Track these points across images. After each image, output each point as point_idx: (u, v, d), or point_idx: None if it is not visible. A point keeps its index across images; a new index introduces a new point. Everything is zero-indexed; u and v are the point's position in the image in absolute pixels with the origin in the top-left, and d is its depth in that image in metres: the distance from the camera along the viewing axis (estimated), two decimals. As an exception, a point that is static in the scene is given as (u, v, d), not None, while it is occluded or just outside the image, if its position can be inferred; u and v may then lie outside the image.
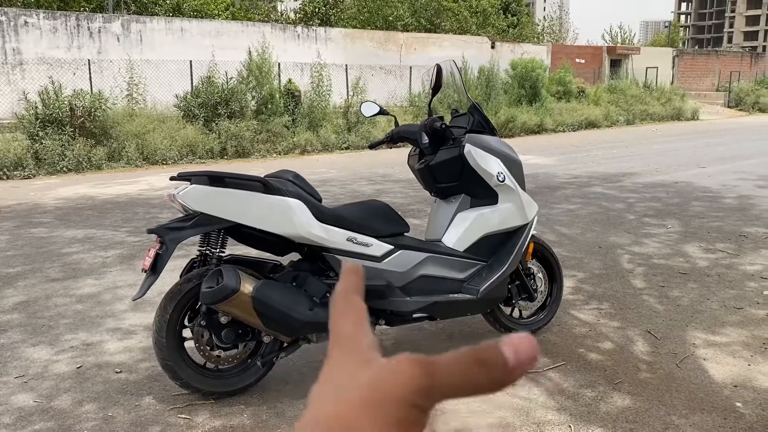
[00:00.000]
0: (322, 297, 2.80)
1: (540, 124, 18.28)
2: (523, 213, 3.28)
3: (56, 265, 4.98)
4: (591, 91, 22.20)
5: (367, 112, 3.45)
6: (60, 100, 11.55)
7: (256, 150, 13.26)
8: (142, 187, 8.93)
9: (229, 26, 19.80)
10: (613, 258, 5.07)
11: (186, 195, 2.62)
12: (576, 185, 8.68)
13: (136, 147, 11.86)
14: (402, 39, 23.56)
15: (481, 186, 3.21)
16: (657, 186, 8.56)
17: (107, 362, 3.21)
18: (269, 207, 2.68)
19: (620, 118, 21.21)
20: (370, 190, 8.39)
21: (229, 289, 2.54)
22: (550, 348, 3.37)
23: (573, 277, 4.55)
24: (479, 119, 3.32)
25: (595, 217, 6.60)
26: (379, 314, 2.98)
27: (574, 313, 3.87)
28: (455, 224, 3.23)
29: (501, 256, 3.23)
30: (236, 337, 2.74)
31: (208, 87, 13.61)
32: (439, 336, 3.54)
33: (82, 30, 17.33)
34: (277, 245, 2.85)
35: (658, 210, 6.95)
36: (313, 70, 15.49)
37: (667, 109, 23.54)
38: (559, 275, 3.61)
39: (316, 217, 2.78)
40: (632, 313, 3.87)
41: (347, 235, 2.86)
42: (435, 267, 3.10)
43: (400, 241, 3.05)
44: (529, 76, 19.78)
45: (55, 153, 10.89)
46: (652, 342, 3.45)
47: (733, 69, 34.17)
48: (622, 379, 3.02)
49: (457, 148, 3.16)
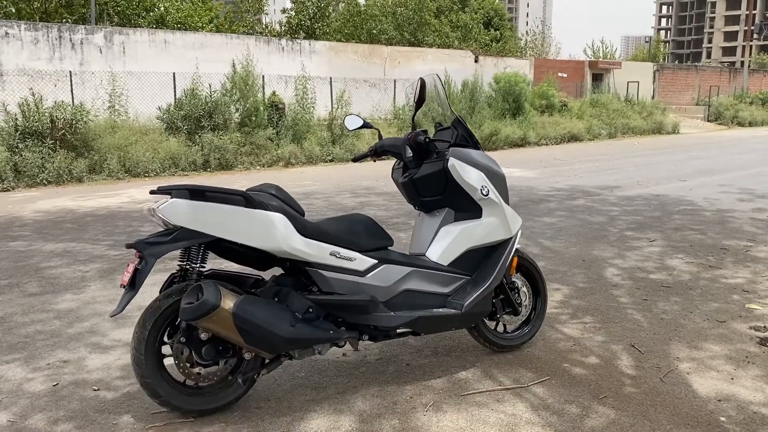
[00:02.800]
0: (305, 313, 2.77)
1: (523, 138, 18.40)
2: (507, 227, 3.27)
3: (34, 279, 4.89)
4: (574, 105, 22.39)
5: (351, 125, 3.43)
6: (40, 112, 11.43)
7: (240, 162, 13.19)
8: (123, 200, 8.84)
9: (213, 38, 19.77)
10: (596, 271, 5.08)
11: (166, 209, 2.57)
12: (559, 198, 8.71)
13: (118, 159, 11.75)
14: (386, 52, 23.66)
15: (464, 200, 3.19)
16: (638, 199, 8.62)
17: (84, 380, 3.14)
18: (251, 221, 2.64)
19: (602, 131, 21.41)
20: (353, 203, 8.36)
21: (209, 305, 2.49)
22: (534, 363, 3.35)
23: (557, 291, 4.55)
24: (463, 133, 3.31)
25: (578, 230, 6.63)
26: (362, 329, 2.94)
27: (559, 327, 3.86)
28: (439, 238, 3.21)
29: (485, 270, 3.21)
30: (217, 353, 2.69)
31: (192, 99, 13.55)
32: (424, 351, 3.51)
33: (64, 41, 17.21)
34: (259, 260, 2.81)
35: (640, 223, 6.99)
36: (297, 82, 15.49)
37: (649, 122, 23.83)
38: (543, 289, 3.59)
39: (299, 231, 2.75)
40: (616, 327, 3.87)
41: (330, 250, 2.83)
42: (419, 281, 3.08)
43: (384, 256, 3.02)
44: (513, 90, 19.92)
45: (35, 165, 10.76)
46: (636, 356, 3.44)
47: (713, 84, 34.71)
48: (607, 393, 3.01)
49: (441, 162, 3.15)
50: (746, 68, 37.64)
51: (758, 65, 52.58)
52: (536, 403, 2.90)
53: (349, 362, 3.35)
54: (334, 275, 2.84)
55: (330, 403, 2.89)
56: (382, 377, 3.18)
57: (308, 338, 2.72)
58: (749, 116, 29.45)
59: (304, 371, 3.23)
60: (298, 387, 3.06)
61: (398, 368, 3.29)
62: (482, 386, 3.08)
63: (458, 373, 3.23)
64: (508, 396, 2.98)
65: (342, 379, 3.15)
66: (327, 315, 2.85)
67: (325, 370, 3.24)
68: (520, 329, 3.53)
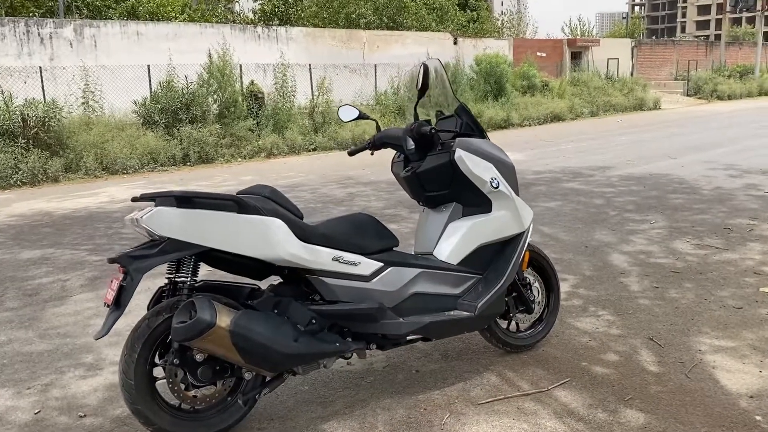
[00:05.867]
0: (307, 325, 2.54)
1: (506, 119, 18.22)
2: (519, 220, 3.06)
3: (11, 291, 4.60)
4: (555, 84, 22.22)
5: (346, 116, 3.19)
6: (11, 111, 11.01)
7: (220, 155, 12.86)
8: (102, 200, 8.50)
9: (186, 28, 19.25)
10: (601, 258, 4.89)
11: (151, 219, 2.32)
12: (549, 181, 8.53)
13: (95, 157, 11.37)
14: (365, 37, 23.26)
15: (473, 193, 2.97)
16: (631, 179, 8.47)
17: (70, 405, 2.89)
18: (245, 228, 2.40)
19: (584, 110, 21.28)
20: (341, 194, 8.11)
21: (204, 324, 2.26)
22: (551, 363, 3.16)
23: (565, 281, 4.36)
24: (468, 121, 3.08)
25: (575, 214, 6.44)
26: (369, 339, 2.72)
27: (571, 322, 3.66)
28: (447, 235, 2.98)
29: (497, 267, 3.00)
30: (214, 374, 2.45)
31: (168, 92, 13.16)
32: (433, 355, 3.30)
33: (33, 36, 16.63)
34: (255, 269, 2.57)
35: (638, 204, 6.82)
36: (276, 70, 15.13)
37: (630, 99, 23.73)
38: (556, 284, 3.39)
39: (298, 236, 2.51)
40: (631, 319, 3.68)
41: (333, 255, 2.60)
42: (428, 283, 2.86)
43: (390, 258, 2.79)
44: (494, 72, 19.71)
45: (8, 166, 10.36)
46: (656, 350, 3.26)
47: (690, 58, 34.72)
48: (632, 394, 2.82)
49: (447, 154, 2.92)
50: (723, 41, 37.69)
51: (732, 38, 52.73)
52: (559, 410, 2.71)
53: (355, 372, 3.13)
54: (337, 282, 2.61)
55: (339, 420, 2.67)
56: (391, 387, 2.96)
57: (313, 353, 2.49)
58: (728, 89, 29.46)
59: (308, 384, 3.00)
60: (303, 403, 2.84)
61: (408, 376, 3.07)
62: (500, 392, 2.88)
63: (472, 378, 3.02)
64: (529, 402, 2.78)
65: (349, 391, 2.93)
66: (331, 326, 2.62)
67: (330, 382, 3.02)
68: (533, 327, 3.33)
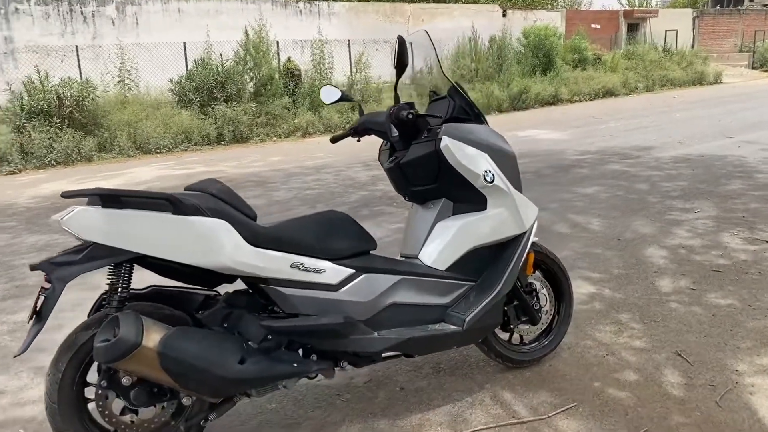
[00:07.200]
0: (261, 341, 2.20)
1: (555, 95, 17.43)
2: (519, 220, 2.63)
3: (3, 280, 4.43)
4: (608, 57, 21.18)
5: (327, 98, 2.82)
6: (46, 90, 11.00)
7: (255, 134, 12.65)
8: (124, 180, 8.38)
9: (227, 5, 19.05)
10: (633, 253, 4.40)
11: (71, 220, 2.01)
12: (591, 163, 7.95)
13: (128, 136, 11.30)
14: (409, 10, 22.64)
15: (464, 188, 2.56)
16: (681, 161, 7.82)
17: (14, 419, 2.64)
18: (181, 232, 2.06)
19: (639, 84, 20.23)
20: (365, 177, 7.73)
21: (127, 344, 1.94)
22: (557, 382, 2.74)
23: (587, 280, 3.91)
24: (461, 104, 2.66)
25: (613, 201, 5.91)
26: (338, 356, 2.37)
27: (588, 330, 3.23)
28: (434, 236, 2.59)
29: (493, 274, 2.59)
30: (150, 397, 2.14)
31: (203, 70, 12.98)
32: (424, 369, 2.92)
33: (76, 15, 16.74)
34: (203, 277, 2.24)
35: (685, 190, 6.23)
36: (314, 47, 14.77)
37: (689, 73, 22.47)
38: (568, 290, 2.95)
39: (249, 240, 2.16)
40: (658, 329, 3.22)
41: (291, 261, 2.24)
42: (409, 292, 2.47)
43: (364, 263, 2.42)
44: (543, 45, 18.88)
45: (43, 146, 10.37)
46: (683, 369, 2.81)
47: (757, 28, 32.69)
48: (648, 426, 2.39)
49: (433, 142, 2.51)
50: (794, 10, 35.37)
51: (806, 6, 49.50)
52: (558, 444, 2.31)
53: (332, 387, 2.78)
54: (297, 292, 2.26)
55: (301, 448, 2.34)
56: (369, 407, 2.61)
57: (263, 377, 2.15)
58: (798, 62, 27.68)
59: (275, 401, 2.67)
60: (266, 425, 2.51)
61: (390, 394, 2.71)
62: (492, 419, 2.48)
63: (463, 399, 2.64)
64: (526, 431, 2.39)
65: (321, 411, 2.59)
66: (291, 342, 2.28)
67: (301, 399, 2.69)
68: (539, 339, 2.91)
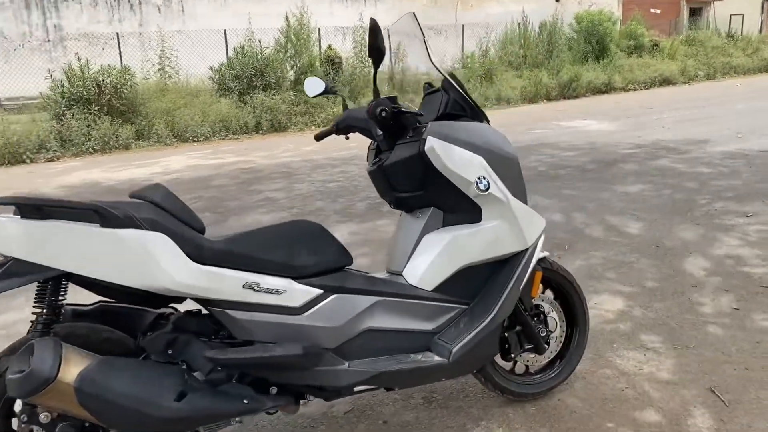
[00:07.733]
0: (209, 373, 1.92)
1: (608, 83, 16.65)
2: (520, 234, 2.26)
3: (4, 276, 4.29)
4: (666, 44, 20.15)
5: (311, 90, 2.51)
6: (86, 78, 11.03)
7: (294, 123, 12.43)
8: (156, 170, 8.26)
9: (273, -9, 18.90)
10: (672, 263, 3.95)
11: (-13, 233, 1.76)
12: (639, 158, 7.41)
13: (166, 124, 11.25)
14: (458, -5, 22.07)
15: (455, 196, 2.21)
16: (737, 157, 7.20)
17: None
18: (111, 247, 1.79)
19: (699, 72, 19.18)
20: (395, 169, 7.38)
21: (39, 378, 1.68)
22: (564, 420, 2.38)
23: (615, 294, 3.50)
24: (456, 98, 2.31)
25: (656, 201, 5.42)
26: (301, 390, 2.06)
27: (609, 356, 2.84)
28: (420, 251, 2.24)
29: (488, 296, 2.24)
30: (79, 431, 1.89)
31: (243, 57, 12.83)
32: (414, 398, 2.60)
33: (123, 3, 16.87)
34: (146, 296, 1.96)
35: (738, 191, 5.67)
36: (355, 33, 14.46)
37: (754, 60, 21.19)
38: (583, 314, 2.57)
39: (192, 256, 1.87)
40: (690, 357, 2.81)
41: (244, 280, 1.94)
42: (388, 316, 2.15)
43: (335, 281, 2.10)
44: (596, 30, 18.08)
45: (81, 133, 10.40)
46: (716, 410, 2.40)
47: (833, 12, 30.68)
48: (666, 483, 2.02)
49: (417, 143, 2.17)
50: None
51: None
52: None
53: (308, 416, 2.48)
54: (251, 316, 1.96)
55: (258, 492, 2.06)
56: (345, 443, 2.31)
57: (204, 416, 1.87)
58: None
59: (245, 430, 2.40)
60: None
61: (371, 428, 2.40)
62: (481, 464, 2.15)
63: (453, 437, 2.31)
64: (516, 485, 2.05)
65: (289, 445, 2.31)
66: (245, 374, 1.99)
67: (269, 428, 2.40)
68: (547, 369, 2.55)
